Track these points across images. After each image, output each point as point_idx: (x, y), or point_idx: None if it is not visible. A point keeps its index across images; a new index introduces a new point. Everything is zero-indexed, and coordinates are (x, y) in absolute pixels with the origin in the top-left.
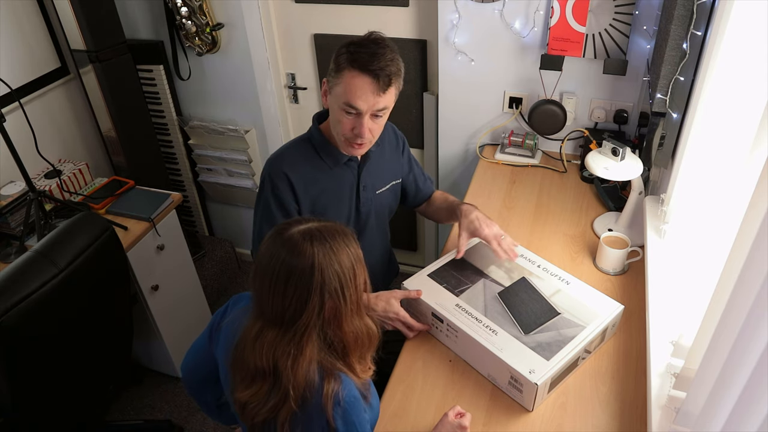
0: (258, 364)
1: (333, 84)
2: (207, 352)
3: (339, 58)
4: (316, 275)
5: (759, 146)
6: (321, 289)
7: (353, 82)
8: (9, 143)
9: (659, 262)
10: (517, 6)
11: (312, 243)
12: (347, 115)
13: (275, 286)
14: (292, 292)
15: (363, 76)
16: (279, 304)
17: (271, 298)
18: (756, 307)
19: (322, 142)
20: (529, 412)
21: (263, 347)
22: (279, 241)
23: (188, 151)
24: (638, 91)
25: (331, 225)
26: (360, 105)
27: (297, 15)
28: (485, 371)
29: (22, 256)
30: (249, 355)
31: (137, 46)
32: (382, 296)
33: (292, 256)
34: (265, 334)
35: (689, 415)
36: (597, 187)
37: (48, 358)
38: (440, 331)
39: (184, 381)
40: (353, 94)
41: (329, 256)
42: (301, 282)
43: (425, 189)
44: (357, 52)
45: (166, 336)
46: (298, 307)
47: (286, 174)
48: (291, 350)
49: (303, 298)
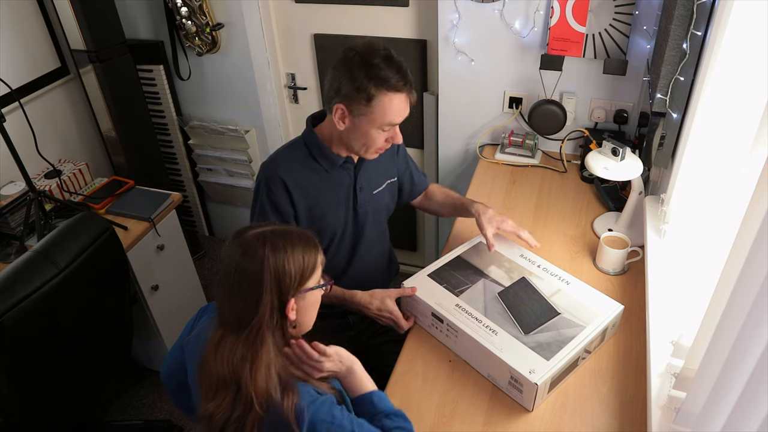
0: (220, 373)
1: (364, 111)
2: (180, 362)
3: (365, 85)
4: (266, 276)
5: (759, 146)
6: (271, 290)
7: (393, 104)
8: (9, 143)
9: (659, 262)
10: (517, 6)
11: (265, 244)
12: (383, 133)
13: (231, 290)
14: (246, 293)
15: (399, 95)
16: (236, 307)
17: (229, 302)
18: (756, 307)
19: (317, 145)
20: (529, 412)
21: (224, 355)
22: (234, 244)
23: (188, 151)
24: (638, 91)
25: (294, 230)
26: (400, 120)
27: (297, 15)
28: (485, 371)
29: (22, 256)
30: (211, 366)
31: (137, 46)
32: (377, 295)
33: (245, 258)
34: (225, 341)
35: (689, 415)
36: (597, 187)
37: (48, 358)
38: (440, 331)
39: (164, 386)
40: (396, 114)
41: (281, 256)
42: (253, 282)
43: (420, 183)
44: (383, 75)
45: (166, 336)
46: (252, 308)
47: (282, 178)
48: (248, 354)
49: (255, 298)
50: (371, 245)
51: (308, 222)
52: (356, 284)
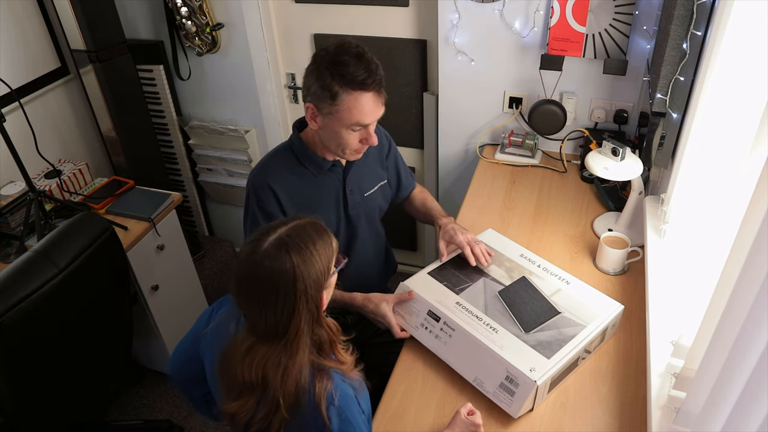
0: (247, 378)
1: (330, 110)
2: (193, 354)
3: (329, 83)
4: (299, 284)
5: (759, 146)
6: (305, 295)
7: (358, 103)
8: (9, 143)
9: (659, 262)
10: (517, 6)
11: (289, 252)
12: (353, 133)
13: (263, 303)
14: (282, 305)
15: (366, 93)
16: (271, 319)
17: (263, 315)
18: (756, 307)
19: (304, 151)
20: (529, 412)
21: (254, 362)
22: (256, 257)
23: (188, 151)
24: (638, 91)
25: (301, 224)
26: (368, 120)
27: (297, 15)
28: (472, 375)
29: (22, 256)
30: (238, 370)
31: (137, 46)
32: (373, 299)
33: (273, 270)
34: (257, 349)
35: (689, 415)
36: (597, 187)
37: (48, 358)
38: (429, 332)
39: (171, 378)
40: (362, 114)
41: (308, 262)
42: (287, 294)
43: (407, 187)
44: (348, 73)
45: (166, 336)
46: (288, 317)
47: (270, 186)
48: (281, 360)
49: (291, 308)
50: (365, 247)
51: None
52: (352, 285)
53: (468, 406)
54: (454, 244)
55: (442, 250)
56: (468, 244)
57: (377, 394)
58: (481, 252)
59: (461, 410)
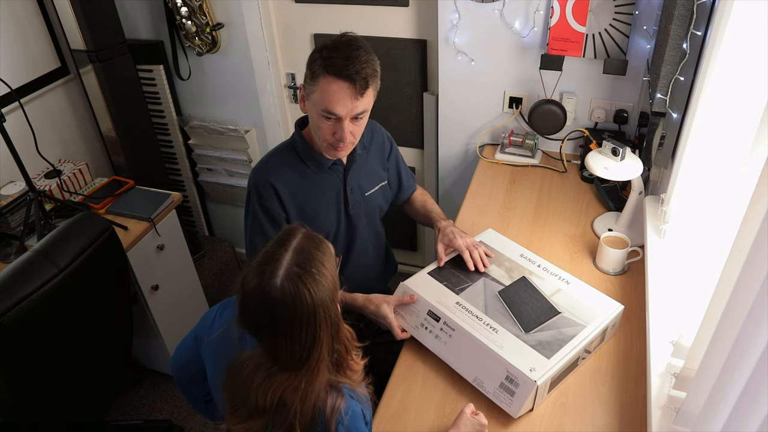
0: (260, 404)
1: (310, 91)
2: (194, 354)
3: (313, 65)
4: (319, 314)
5: (759, 146)
6: (325, 323)
7: (330, 88)
8: (9, 143)
9: (659, 262)
10: (517, 6)
11: (305, 283)
12: (327, 121)
13: (285, 337)
14: (304, 337)
15: (339, 81)
16: (295, 351)
17: (284, 347)
18: (756, 307)
19: (306, 149)
20: (529, 412)
21: (270, 387)
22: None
23: (188, 151)
24: (638, 91)
25: (301, 245)
26: (339, 111)
27: (297, 15)
28: (472, 375)
29: (22, 256)
30: (251, 395)
31: (137, 46)
32: (374, 300)
33: (294, 307)
34: (275, 377)
35: (689, 415)
36: (597, 187)
37: (48, 358)
38: (429, 332)
39: (173, 377)
40: (331, 101)
41: (321, 285)
42: (308, 326)
43: (407, 189)
44: (330, 57)
45: (166, 336)
46: (311, 347)
47: (272, 183)
48: (301, 385)
49: (312, 337)
50: (365, 246)
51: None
52: (353, 284)
53: (471, 407)
54: (452, 248)
55: (441, 254)
56: (467, 248)
57: (377, 394)
58: (480, 256)
59: (465, 410)
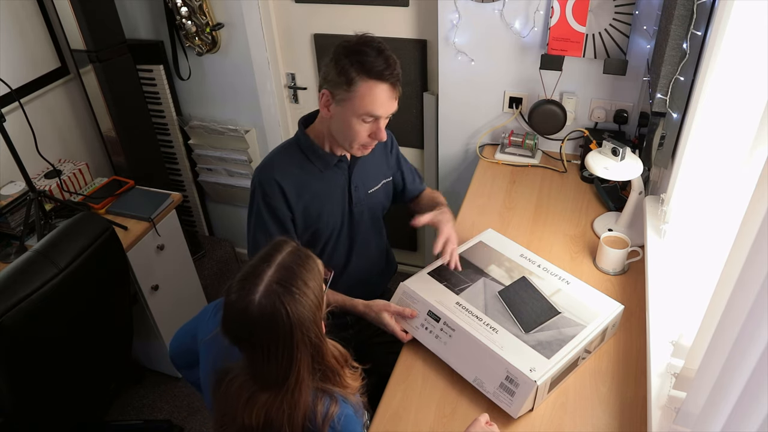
0: (247, 423)
1: (344, 97)
2: (191, 345)
3: (347, 69)
4: (296, 333)
5: (759, 146)
6: (302, 342)
7: (372, 92)
8: (9, 143)
9: (659, 262)
10: (517, 6)
11: (282, 301)
12: (364, 124)
13: (265, 354)
14: (280, 355)
15: (381, 84)
16: (274, 368)
17: (264, 365)
18: (756, 307)
19: (310, 146)
20: (529, 412)
21: (254, 408)
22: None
23: (188, 151)
24: (638, 91)
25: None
26: (381, 112)
27: (297, 15)
28: (472, 375)
29: (22, 256)
30: (238, 415)
31: (137, 46)
32: (374, 308)
33: (270, 324)
34: (258, 397)
35: (689, 415)
36: (597, 187)
37: (48, 358)
38: (429, 332)
39: (172, 362)
40: (374, 104)
41: (301, 302)
42: (285, 344)
43: (413, 188)
44: (367, 62)
45: (166, 336)
46: (288, 366)
47: (277, 181)
48: (284, 408)
49: (290, 356)
50: (368, 244)
51: (305, 223)
52: (354, 283)
53: (486, 417)
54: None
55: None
56: (447, 239)
57: (377, 394)
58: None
59: (480, 419)
